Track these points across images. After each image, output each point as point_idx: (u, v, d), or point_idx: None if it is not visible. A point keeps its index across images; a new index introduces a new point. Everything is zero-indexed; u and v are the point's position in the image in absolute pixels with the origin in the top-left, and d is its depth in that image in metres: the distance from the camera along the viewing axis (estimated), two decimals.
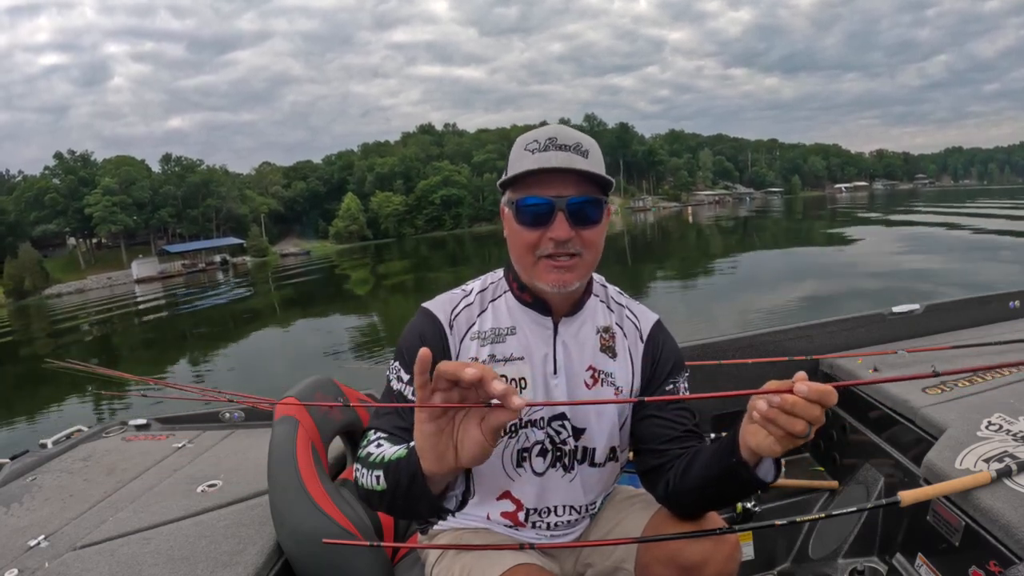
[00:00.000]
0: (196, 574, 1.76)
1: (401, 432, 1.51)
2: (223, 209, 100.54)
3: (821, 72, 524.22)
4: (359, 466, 1.43)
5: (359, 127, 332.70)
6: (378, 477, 1.32)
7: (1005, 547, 1.64)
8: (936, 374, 1.20)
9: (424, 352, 1.04)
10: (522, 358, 1.63)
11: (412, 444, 1.25)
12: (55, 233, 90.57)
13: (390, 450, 1.34)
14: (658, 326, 1.76)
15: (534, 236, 1.50)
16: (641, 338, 1.73)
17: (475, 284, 1.74)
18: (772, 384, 1.18)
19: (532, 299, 1.64)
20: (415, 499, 1.24)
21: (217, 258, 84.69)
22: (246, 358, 16.18)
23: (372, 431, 1.52)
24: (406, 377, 1.58)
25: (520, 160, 1.49)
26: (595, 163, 1.50)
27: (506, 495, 1.70)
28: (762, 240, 36.06)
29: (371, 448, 1.43)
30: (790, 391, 1.14)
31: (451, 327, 1.64)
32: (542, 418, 1.64)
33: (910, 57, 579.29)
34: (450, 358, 1.61)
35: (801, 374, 1.16)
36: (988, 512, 1.70)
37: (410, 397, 1.56)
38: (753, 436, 1.24)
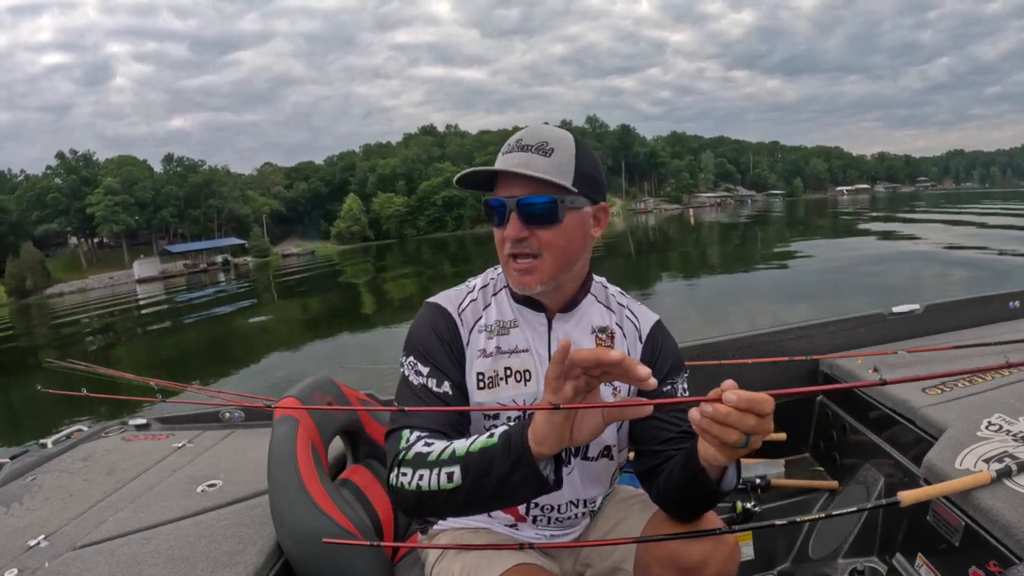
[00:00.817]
0: (196, 574, 1.76)
1: (445, 428, 1.50)
2: (225, 209, 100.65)
3: (823, 74, 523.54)
4: (409, 469, 1.38)
5: (361, 128, 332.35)
6: (450, 474, 1.32)
7: (1005, 547, 1.64)
8: (884, 382, 1.19)
9: (565, 342, 1.12)
10: (527, 350, 1.64)
11: (500, 431, 1.30)
12: (57, 232, 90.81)
13: (459, 444, 1.34)
14: (658, 326, 1.75)
15: (499, 235, 1.54)
16: (640, 338, 1.72)
17: (477, 280, 1.75)
18: (714, 393, 1.17)
19: (524, 296, 1.65)
20: (518, 484, 1.26)
21: (219, 258, 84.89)
22: (247, 357, 16.18)
23: (407, 430, 1.47)
24: (425, 370, 1.58)
25: (495, 161, 1.52)
26: (557, 162, 1.49)
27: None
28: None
29: (420, 447, 1.40)
30: (720, 400, 1.14)
31: (460, 319, 1.65)
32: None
33: (912, 59, 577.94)
34: (463, 349, 1.63)
35: (729, 382, 1.15)
36: (988, 512, 1.70)
37: (434, 389, 1.56)
38: (700, 444, 1.27)
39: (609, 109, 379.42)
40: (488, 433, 1.32)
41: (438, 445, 1.38)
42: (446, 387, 1.57)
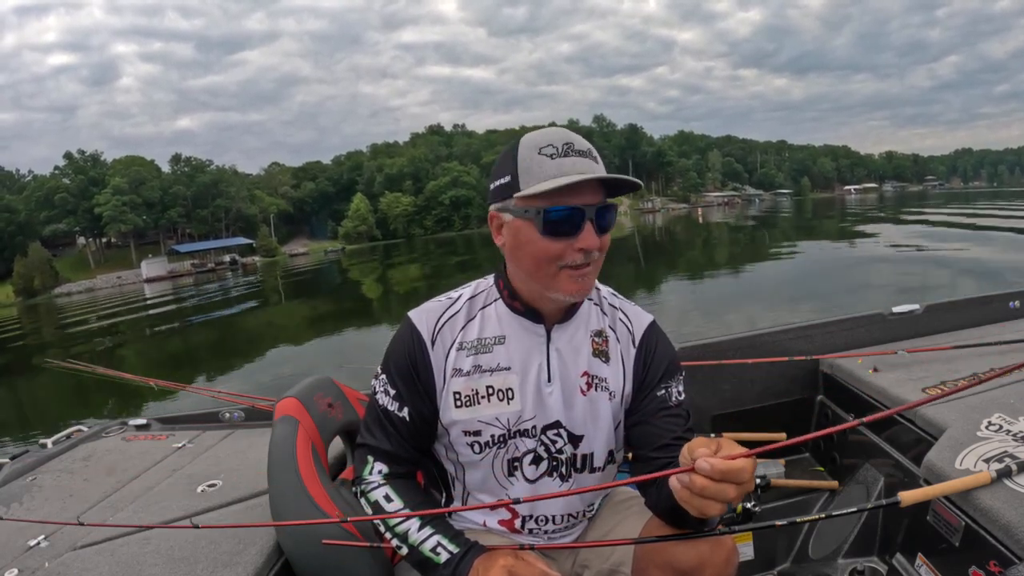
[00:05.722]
0: (196, 574, 1.77)
1: (405, 452, 1.66)
2: (232, 209, 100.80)
3: (831, 73, 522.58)
4: (370, 509, 1.63)
5: (368, 127, 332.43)
6: (399, 546, 1.58)
7: (1005, 547, 1.63)
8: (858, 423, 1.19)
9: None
10: (509, 368, 1.61)
11: (447, 557, 1.51)
12: (65, 232, 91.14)
13: (413, 529, 1.56)
14: (651, 328, 1.73)
15: (560, 247, 1.45)
16: (634, 342, 1.70)
17: (465, 291, 1.71)
18: (685, 452, 1.18)
19: (523, 307, 1.62)
20: None
21: (226, 258, 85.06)
22: (249, 357, 16.20)
23: (370, 457, 1.66)
24: (392, 392, 1.63)
25: (538, 165, 1.44)
26: (603, 168, 1.49)
27: (501, 504, 1.70)
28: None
29: (381, 497, 1.63)
30: (692, 468, 1.13)
31: (433, 344, 1.62)
32: (534, 427, 1.62)
33: (920, 58, 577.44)
34: (432, 376, 1.62)
35: (702, 449, 1.15)
36: (988, 512, 1.70)
37: (395, 412, 1.63)
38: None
39: (616, 108, 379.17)
40: (437, 544, 1.52)
41: (396, 505, 1.60)
42: (405, 413, 1.62)
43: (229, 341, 20.37)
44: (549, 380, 1.62)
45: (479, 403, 1.61)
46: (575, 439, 1.65)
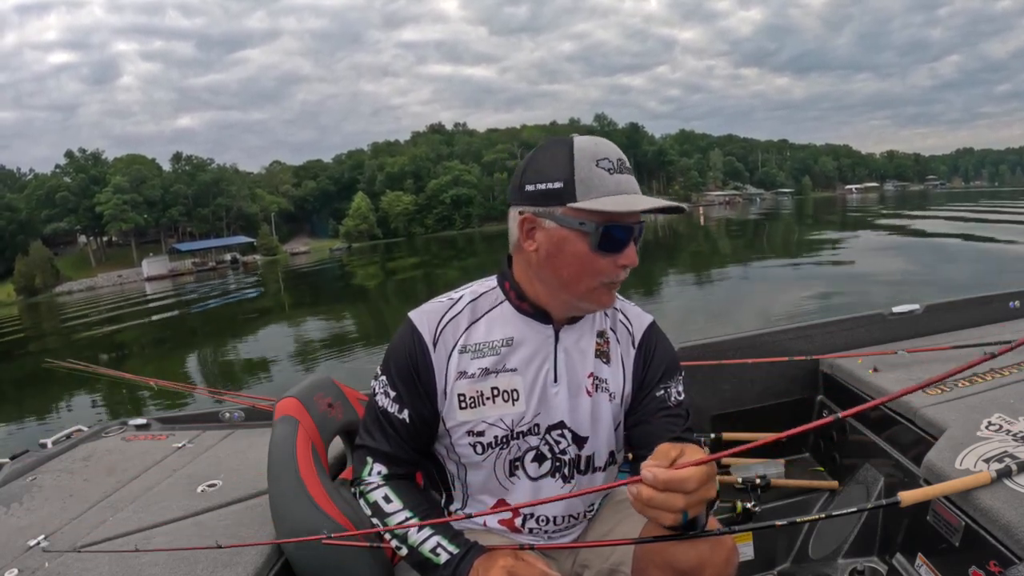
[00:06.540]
0: (196, 574, 1.77)
1: (404, 453, 1.65)
2: (233, 208, 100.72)
3: (832, 72, 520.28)
4: (369, 510, 1.63)
5: (369, 126, 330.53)
6: (398, 547, 1.57)
7: (1005, 547, 1.63)
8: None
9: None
10: (515, 370, 1.60)
11: (446, 558, 1.51)
12: (66, 231, 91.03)
13: (412, 530, 1.55)
14: (651, 329, 1.73)
15: (607, 262, 1.46)
16: (633, 343, 1.70)
17: (465, 293, 1.68)
18: (655, 453, 1.18)
19: (532, 308, 1.61)
20: None
21: (227, 256, 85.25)
22: (250, 357, 16.22)
23: (369, 458, 1.65)
24: (392, 394, 1.61)
25: (599, 178, 1.41)
26: None
27: (501, 503, 1.70)
28: None
29: (380, 498, 1.61)
30: (640, 480, 1.14)
31: (435, 345, 1.60)
32: (536, 426, 1.62)
33: (921, 57, 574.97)
34: (433, 378, 1.60)
35: (653, 462, 1.15)
36: (988, 512, 1.69)
37: (395, 414, 1.61)
38: None
39: (618, 107, 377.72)
40: (437, 545, 1.52)
41: (395, 506, 1.59)
42: (405, 415, 1.61)
43: (228, 344, 20.41)
44: (556, 380, 1.61)
45: (484, 404, 1.60)
46: (579, 440, 1.64)
